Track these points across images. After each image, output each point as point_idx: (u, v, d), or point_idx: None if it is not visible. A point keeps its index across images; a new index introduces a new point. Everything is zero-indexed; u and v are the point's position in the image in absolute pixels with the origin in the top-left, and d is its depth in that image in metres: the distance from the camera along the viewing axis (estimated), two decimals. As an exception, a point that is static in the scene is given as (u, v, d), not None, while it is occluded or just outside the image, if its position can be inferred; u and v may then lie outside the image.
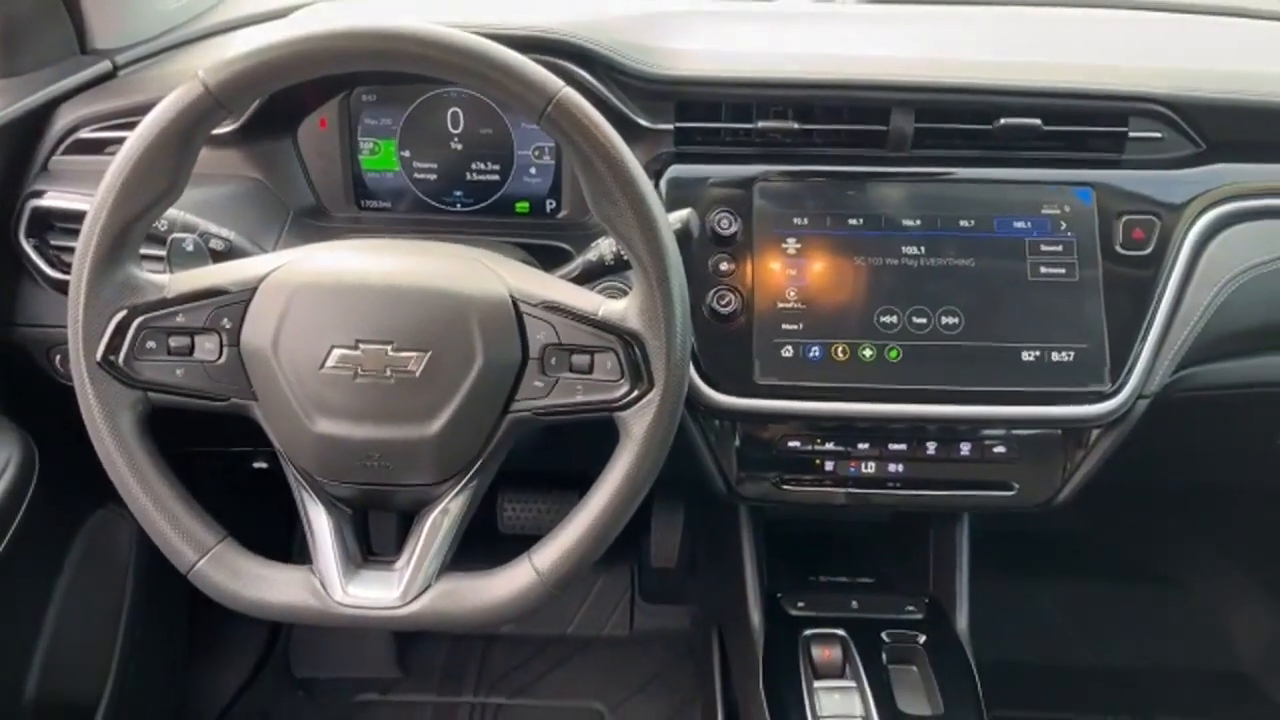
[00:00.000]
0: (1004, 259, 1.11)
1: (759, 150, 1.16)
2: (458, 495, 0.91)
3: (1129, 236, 1.12)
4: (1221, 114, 1.15)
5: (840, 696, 1.10)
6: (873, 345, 1.09)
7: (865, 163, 1.15)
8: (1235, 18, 1.44)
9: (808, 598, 1.25)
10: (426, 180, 1.24)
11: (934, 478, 1.14)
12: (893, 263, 1.11)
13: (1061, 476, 1.13)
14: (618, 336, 0.88)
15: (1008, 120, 1.13)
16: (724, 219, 1.11)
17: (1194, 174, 1.15)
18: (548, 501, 1.73)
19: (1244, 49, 1.32)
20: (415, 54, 0.83)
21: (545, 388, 0.89)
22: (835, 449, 1.13)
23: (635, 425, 0.88)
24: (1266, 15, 1.46)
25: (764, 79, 1.16)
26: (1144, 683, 1.85)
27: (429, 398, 0.87)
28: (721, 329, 1.10)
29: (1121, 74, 1.17)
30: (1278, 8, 1.47)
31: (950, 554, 1.28)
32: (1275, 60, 1.28)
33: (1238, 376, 1.16)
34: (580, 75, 1.12)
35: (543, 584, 0.89)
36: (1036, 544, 1.94)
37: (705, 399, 1.09)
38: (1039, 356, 1.09)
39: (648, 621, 1.93)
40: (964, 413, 1.08)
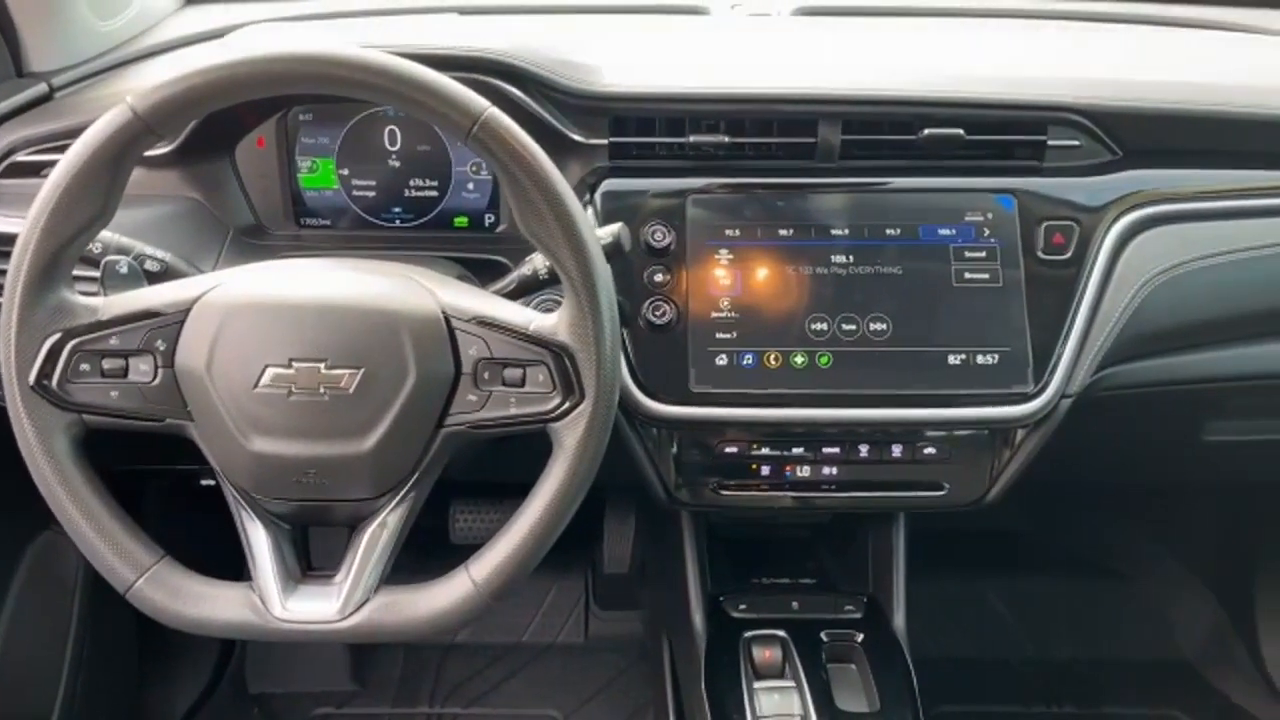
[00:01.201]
0: (929, 266, 1.14)
1: (692, 163, 1.19)
2: (395, 509, 0.93)
3: (1050, 242, 1.15)
4: (1136, 122, 1.19)
5: (780, 696, 1.13)
6: (804, 352, 1.12)
7: (795, 174, 1.18)
8: (1155, 26, 1.49)
9: (749, 600, 1.28)
10: (365, 197, 1.25)
11: (867, 479, 1.17)
12: (822, 271, 1.14)
13: (990, 476, 1.17)
14: (549, 350, 0.90)
15: (932, 131, 1.17)
16: (658, 231, 1.13)
17: (1111, 180, 1.18)
18: (499, 512, 1.75)
19: (1161, 58, 1.36)
20: (342, 77, 0.85)
21: (479, 401, 0.91)
22: (771, 454, 1.16)
23: (567, 437, 0.90)
24: (1185, 23, 1.51)
25: (695, 94, 1.18)
26: (1088, 675, 1.90)
27: (363, 414, 0.88)
28: (657, 339, 1.12)
29: (1040, 84, 1.20)
30: (1195, 15, 1.53)
31: (887, 554, 1.31)
32: (1190, 68, 1.32)
33: (1157, 375, 1.20)
34: (512, 93, 1.14)
35: (480, 594, 0.91)
36: (982, 542, 1.98)
37: (642, 408, 1.11)
38: (964, 360, 1.12)
39: (602, 628, 1.95)
40: (893, 416, 1.11)
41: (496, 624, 1.94)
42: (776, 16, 1.55)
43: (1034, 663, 1.91)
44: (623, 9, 1.55)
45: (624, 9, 1.54)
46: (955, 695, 1.83)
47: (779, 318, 1.12)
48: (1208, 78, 1.26)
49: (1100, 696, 1.87)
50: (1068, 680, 1.88)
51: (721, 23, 1.51)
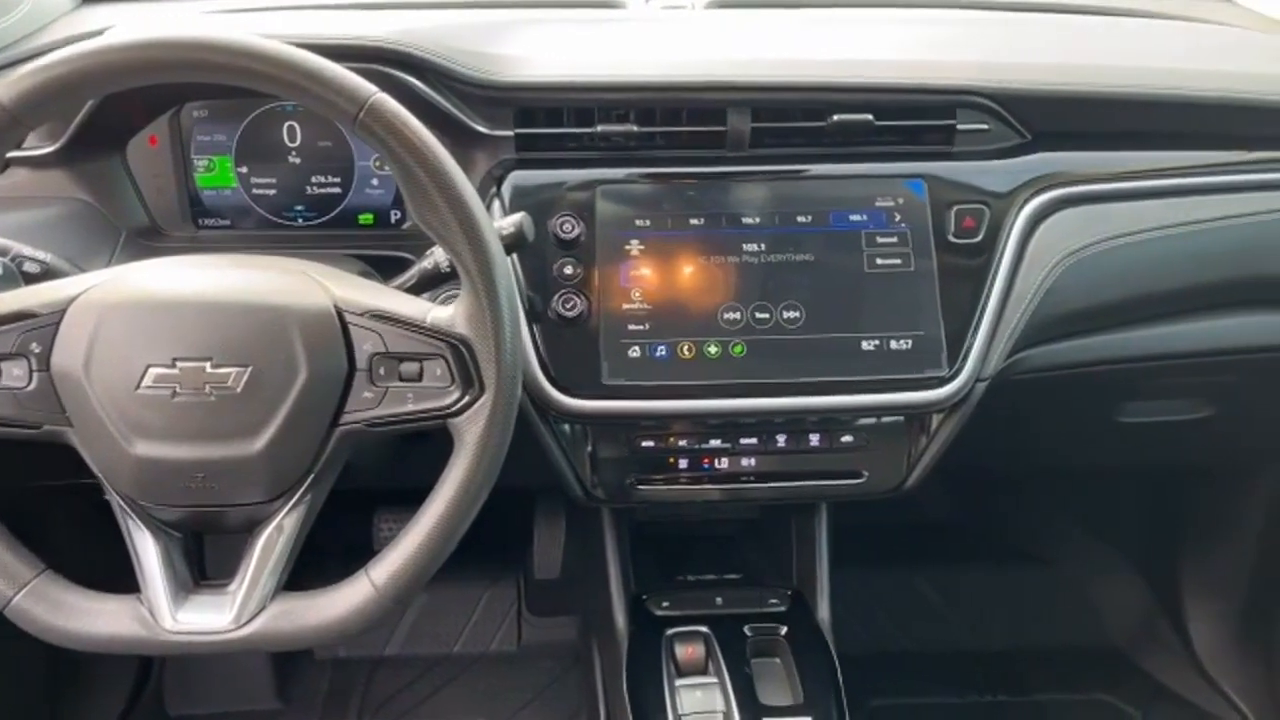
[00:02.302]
0: (842, 252, 1.13)
1: (602, 154, 1.17)
2: (291, 512, 0.89)
3: (960, 225, 1.15)
4: (1043, 105, 1.19)
5: (701, 693, 1.11)
6: (718, 342, 1.10)
7: (706, 163, 1.17)
8: (1064, 14, 1.50)
9: (673, 597, 1.26)
10: (266, 196, 1.21)
11: (786, 470, 1.15)
12: (734, 260, 1.12)
13: (908, 462, 1.16)
14: (446, 343, 0.87)
15: (841, 116, 1.16)
16: (567, 223, 1.11)
17: (1020, 163, 1.18)
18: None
19: (1069, 43, 1.37)
20: (220, 64, 0.82)
21: (375, 398, 0.88)
22: (687, 447, 1.14)
23: (468, 432, 0.87)
24: (1093, 10, 1.53)
25: (603, 83, 1.16)
26: (1020, 663, 1.91)
27: (252, 414, 0.85)
28: (568, 332, 1.10)
29: (948, 69, 1.20)
30: (1102, 4, 1.54)
31: (811, 546, 1.30)
32: (1097, 53, 1.33)
33: (1071, 357, 1.21)
34: (412, 84, 1.11)
35: (380, 598, 0.88)
36: (914, 535, 1.99)
37: (554, 403, 1.09)
38: (878, 345, 1.11)
39: (535, 635, 1.92)
40: (809, 403, 1.10)
41: (427, 634, 1.90)
42: (690, 10, 1.54)
43: (967, 653, 1.92)
44: (537, 3, 1.52)
45: (539, 3, 1.52)
46: (889, 689, 1.83)
47: (692, 308, 1.11)
48: (1114, 61, 1.27)
49: (1032, 683, 1.88)
50: (1000, 669, 1.89)
51: (635, 15, 1.49)
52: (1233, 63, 1.31)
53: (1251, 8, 1.57)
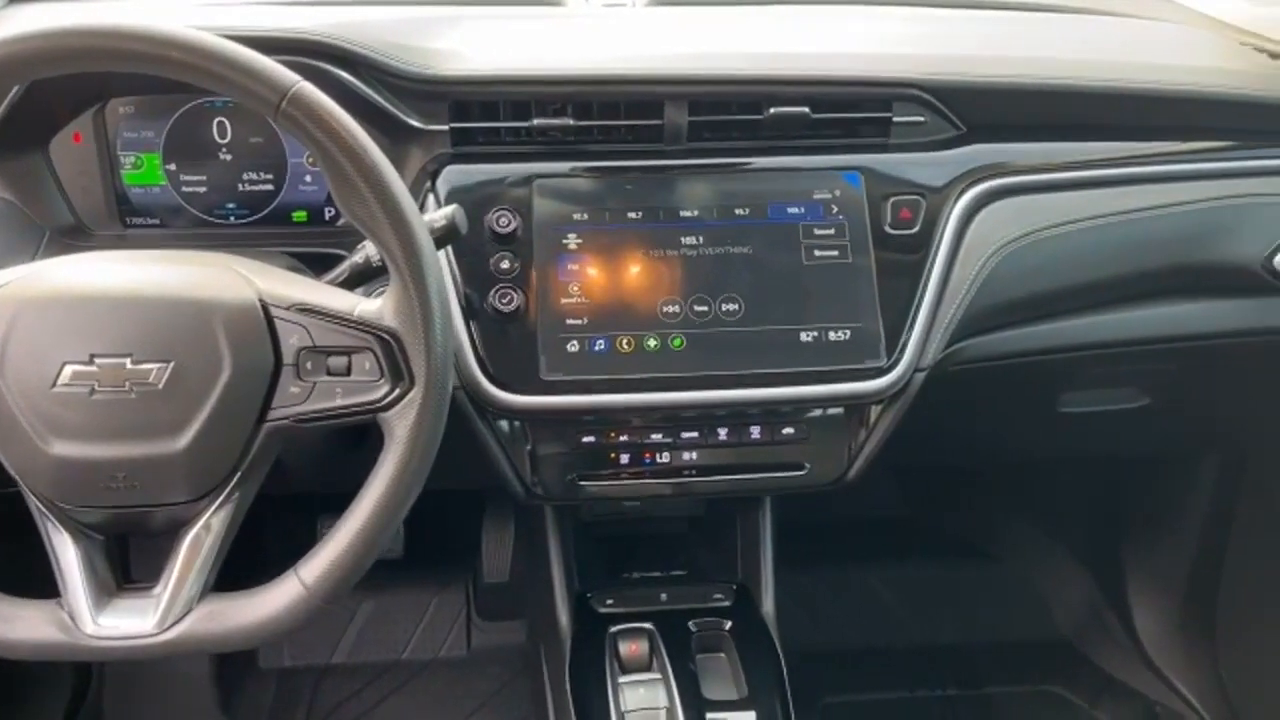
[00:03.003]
0: (779, 245, 1.13)
1: (539, 148, 1.16)
2: (218, 511, 0.87)
3: (897, 217, 1.15)
4: (978, 97, 1.20)
5: (645, 690, 1.10)
6: (657, 335, 1.09)
7: (644, 157, 1.16)
8: (999, 11, 1.51)
9: (617, 594, 1.25)
10: (196, 193, 1.19)
11: (728, 463, 1.15)
12: (673, 254, 1.12)
13: (849, 454, 1.16)
14: (374, 336, 0.86)
15: (777, 109, 1.16)
16: (503, 217, 1.10)
17: (955, 155, 1.19)
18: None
19: (1004, 38, 1.39)
20: (140, 52, 0.80)
21: (302, 393, 0.86)
22: (628, 441, 1.13)
23: (398, 426, 0.86)
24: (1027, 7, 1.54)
25: (538, 76, 1.15)
26: (971, 656, 1.92)
27: (175, 410, 0.83)
28: (505, 327, 1.08)
29: (884, 62, 1.21)
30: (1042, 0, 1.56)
31: (755, 540, 1.30)
32: (1032, 47, 1.35)
33: (1009, 347, 1.21)
34: (343, 78, 1.09)
35: (310, 597, 0.86)
36: (864, 533, 2.00)
37: (492, 399, 1.07)
38: (817, 337, 1.11)
39: (485, 640, 1.90)
40: (749, 395, 1.10)
41: (375, 641, 1.88)
42: (631, 7, 1.54)
43: (918, 648, 1.93)
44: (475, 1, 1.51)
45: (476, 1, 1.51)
46: (841, 686, 1.84)
47: (630, 302, 1.10)
48: (1048, 54, 1.28)
49: (983, 677, 1.89)
50: (951, 663, 1.90)
51: (574, 13, 1.48)
52: (1166, 57, 1.34)
53: (1190, 6, 1.59)
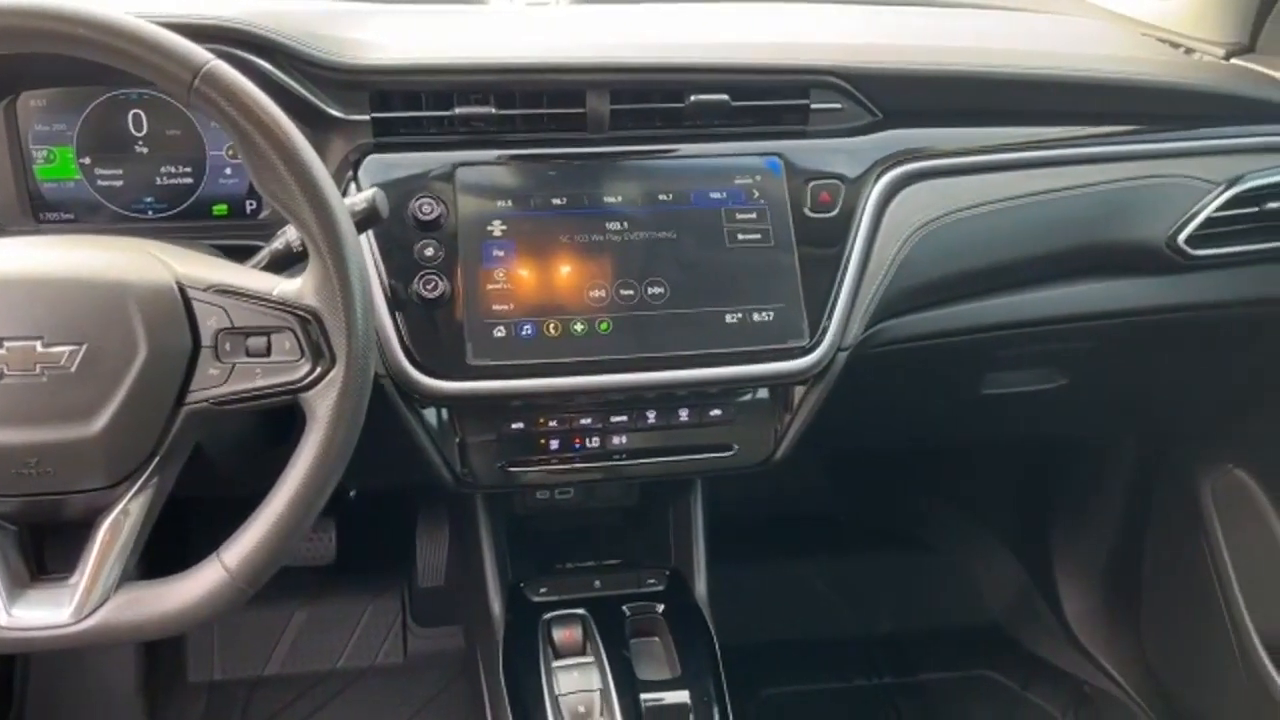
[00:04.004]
0: (702, 229, 1.14)
1: (462, 138, 1.16)
2: (136, 496, 0.85)
3: (817, 201, 1.17)
4: (893, 84, 1.23)
5: (579, 673, 1.10)
6: (584, 320, 1.10)
7: (567, 145, 1.17)
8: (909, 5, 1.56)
9: (551, 583, 1.25)
10: (112, 188, 1.17)
11: (657, 446, 1.16)
12: (598, 239, 1.13)
13: (776, 435, 1.18)
14: (294, 315, 0.85)
15: (698, 97, 1.17)
16: (426, 204, 1.10)
17: (872, 140, 1.22)
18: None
19: (917, 29, 1.42)
20: (45, 30, 0.79)
21: (221, 375, 0.85)
22: (557, 427, 1.13)
23: (320, 405, 0.85)
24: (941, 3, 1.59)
25: (460, 65, 1.15)
26: (906, 644, 1.95)
27: (88, 394, 0.81)
28: (431, 314, 1.08)
29: (801, 51, 1.23)
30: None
31: (687, 525, 1.31)
32: (943, 36, 1.39)
33: (929, 327, 1.24)
34: (260, 66, 1.08)
35: (234, 582, 0.85)
36: (796, 525, 2.02)
37: (418, 386, 1.07)
38: (741, 318, 1.12)
39: (422, 646, 1.87)
40: (676, 377, 1.10)
41: (308, 651, 1.84)
42: (554, 5, 1.55)
43: (854, 639, 1.95)
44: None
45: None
46: (779, 678, 1.85)
47: (556, 287, 1.10)
48: (959, 44, 1.32)
49: (918, 664, 1.91)
50: (886, 652, 1.92)
51: (498, 10, 1.49)
52: (1073, 46, 1.38)
53: (1092, 1, 1.65)
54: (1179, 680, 1.75)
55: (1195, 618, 1.68)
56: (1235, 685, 1.58)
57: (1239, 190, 1.28)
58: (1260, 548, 1.55)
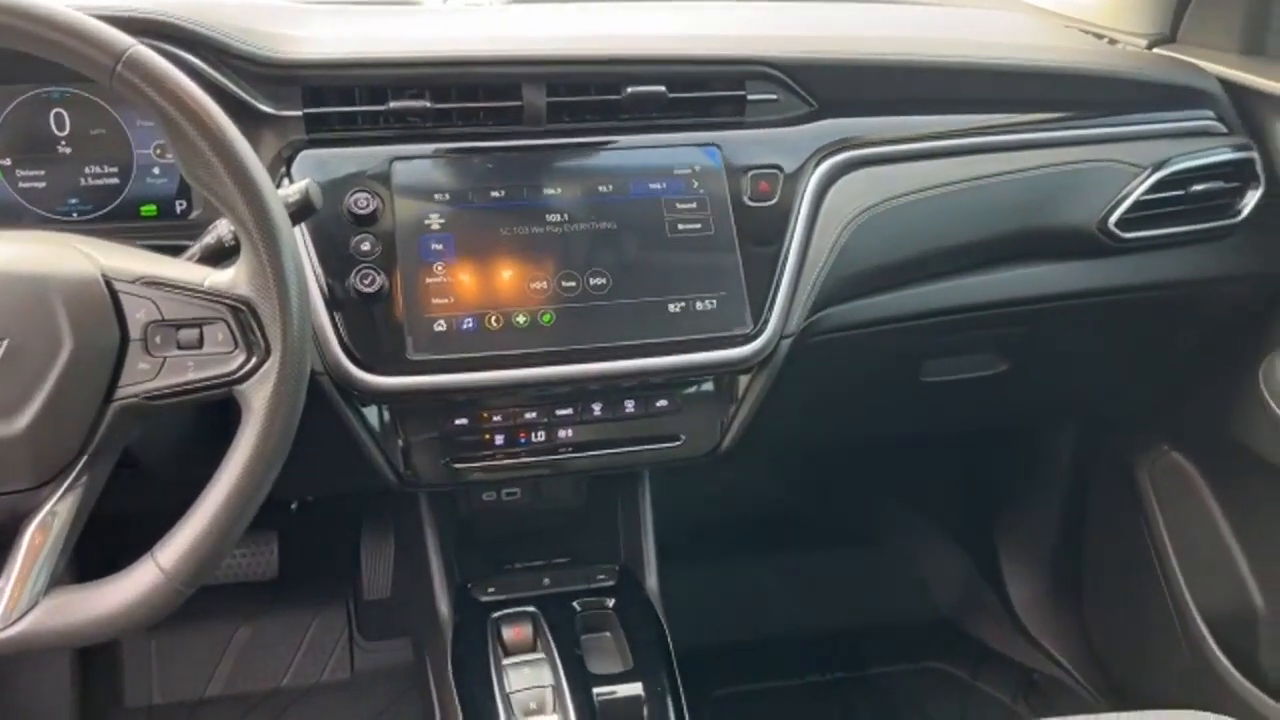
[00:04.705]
0: (643, 219, 1.14)
1: (397, 132, 1.14)
2: (64, 497, 0.82)
3: (756, 189, 1.18)
4: (827, 74, 1.24)
5: (530, 669, 1.08)
6: (525, 312, 1.09)
7: (504, 138, 1.16)
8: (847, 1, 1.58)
9: (499, 583, 1.23)
10: (34, 190, 1.13)
11: (604, 438, 1.15)
12: (538, 231, 1.12)
13: (722, 425, 1.17)
14: (227, 305, 0.83)
15: (634, 89, 1.17)
16: (361, 198, 1.08)
17: (809, 130, 1.22)
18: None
19: (850, 21, 1.44)
20: None
21: (152, 369, 0.83)
22: (502, 422, 1.12)
23: (255, 397, 0.83)
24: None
25: (394, 59, 1.14)
26: (857, 639, 1.95)
27: (11, 391, 0.78)
28: (369, 310, 1.06)
29: (736, 42, 1.24)
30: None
31: (635, 519, 1.30)
32: (877, 28, 1.41)
33: (870, 314, 1.25)
34: (189, 60, 1.06)
35: (170, 583, 0.82)
36: (745, 525, 2.02)
37: (358, 382, 1.05)
38: (685, 307, 1.12)
39: (369, 660, 1.84)
40: (620, 367, 1.10)
41: (252, 671, 1.79)
42: (489, 6, 1.54)
43: (805, 636, 1.95)
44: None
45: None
46: (731, 678, 1.85)
47: (497, 279, 1.09)
48: (892, 34, 1.34)
49: (869, 659, 1.92)
50: (837, 648, 1.93)
51: (430, 8, 1.48)
52: (1000, 37, 1.41)
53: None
54: (1124, 662, 1.78)
55: (1138, 599, 1.71)
56: (1178, 663, 1.61)
57: (1165, 174, 1.31)
58: (1198, 527, 1.58)
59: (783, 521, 2.05)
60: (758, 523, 2.02)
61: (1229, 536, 1.54)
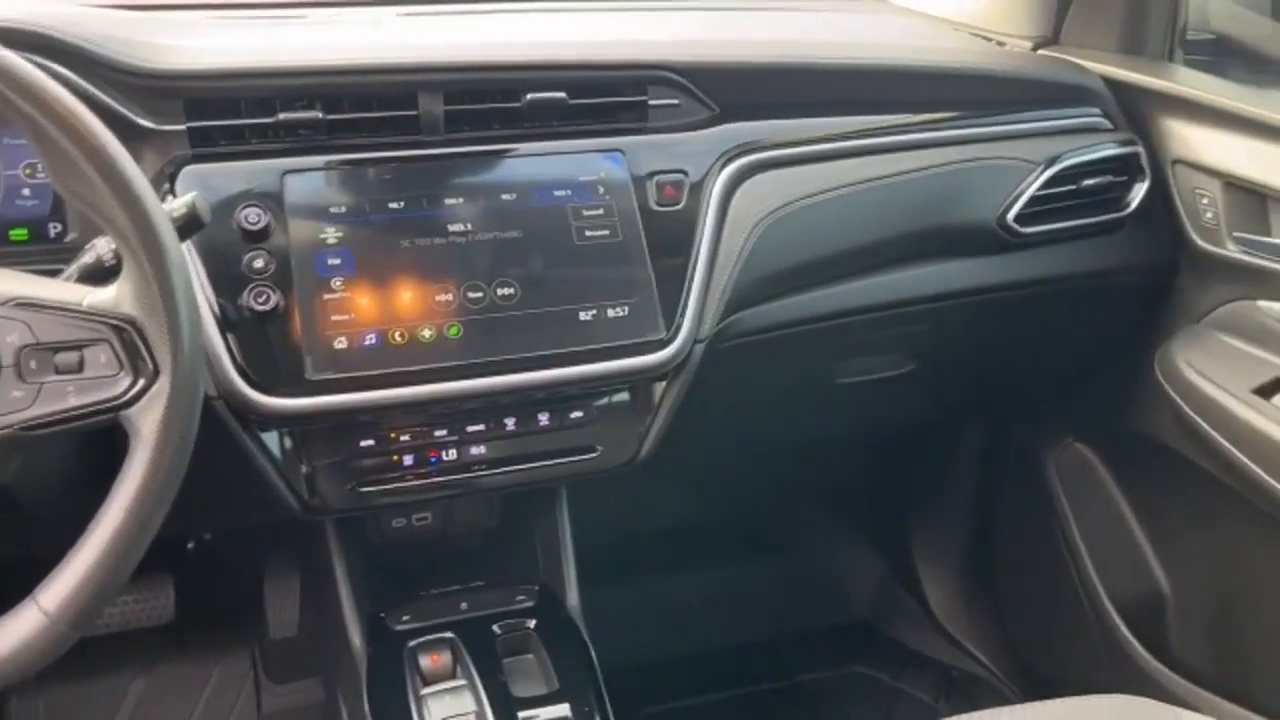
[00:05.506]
0: (550, 227, 1.12)
1: (288, 145, 1.10)
2: (-67, 540, 0.76)
3: (662, 195, 1.16)
4: (727, 78, 1.24)
5: (450, 698, 1.04)
6: (431, 326, 1.05)
7: (402, 149, 1.12)
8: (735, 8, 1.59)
9: (414, 609, 1.18)
10: (-111, 214, 1.05)
11: (519, 453, 1.11)
12: (440, 242, 1.08)
13: (639, 433, 1.15)
14: (109, 325, 0.77)
15: (534, 96, 1.15)
16: (252, 213, 1.03)
17: (712, 134, 1.22)
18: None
19: (748, 27, 1.45)
20: None
21: (27, 397, 0.76)
22: (411, 441, 1.07)
23: (144, 422, 0.77)
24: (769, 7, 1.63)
25: (282, 68, 1.10)
26: (780, 648, 1.95)
27: None
28: (265, 328, 1.01)
29: (636, 48, 1.23)
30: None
31: (554, 537, 1.26)
32: (775, 33, 1.42)
33: (781, 316, 1.25)
34: (60, 73, 0.99)
35: (54, 625, 0.75)
36: (664, 542, 2.00)
37: (255, 405, 0.99)
38: (596, 315, 1.10)
39: (278, 703, 1.75)
40: (532, 379, 1.07)
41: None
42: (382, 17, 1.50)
43: (729, 649, 1.94)
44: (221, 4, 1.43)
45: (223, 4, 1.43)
46: (657, 697, 1.82)
47: (399, 293, 1.05)
48: (789, 38, 1.35)
49: (793, 668, 1.92)
50: (762, 658, 1.92)
51: (320, 17, 1.43)
52: (893, 40, 1.44)
53: (902, 4, 1.72)
54: (1040, 652, 1.81)
55: (1050, 590, 1.74)
56: (1092, 650, 1.63)
57: (1058, 169, 1.34)
58: (1104, 516, 1.61)
59: (701, 534, 2.04)
60: (676, 536, 2.00)
61: (1134, 524, 1.58)
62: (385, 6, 1.47)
